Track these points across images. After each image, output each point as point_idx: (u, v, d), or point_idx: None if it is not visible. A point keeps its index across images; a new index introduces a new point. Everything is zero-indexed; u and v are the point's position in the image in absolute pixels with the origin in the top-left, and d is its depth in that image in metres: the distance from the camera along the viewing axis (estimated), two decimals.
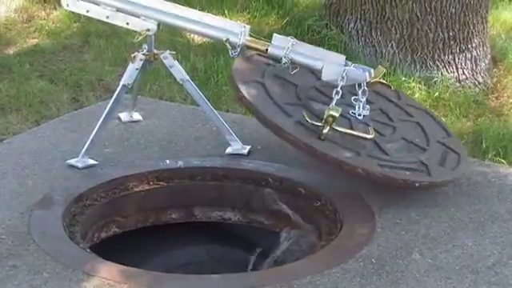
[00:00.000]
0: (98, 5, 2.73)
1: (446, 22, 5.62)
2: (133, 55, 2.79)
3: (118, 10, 2.72)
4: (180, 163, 2.74)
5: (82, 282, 2.10)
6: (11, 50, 5.85)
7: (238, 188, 2.70)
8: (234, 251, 2.76)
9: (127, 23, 2.73)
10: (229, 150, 2.83)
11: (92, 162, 2.73)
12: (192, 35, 5.82)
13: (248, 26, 2.65)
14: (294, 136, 2.47)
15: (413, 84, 5.43)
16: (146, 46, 2.77)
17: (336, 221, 2.46)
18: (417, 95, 5.32)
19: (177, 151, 2.85)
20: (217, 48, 5.59)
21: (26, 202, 2.49)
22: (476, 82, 5.67)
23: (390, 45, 5.67)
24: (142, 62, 2.77)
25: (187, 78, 2.83)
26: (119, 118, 3.07)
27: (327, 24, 5.90)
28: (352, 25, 5.80)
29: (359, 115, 2.63)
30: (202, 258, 2.75)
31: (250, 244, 2.69)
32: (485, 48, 5.81)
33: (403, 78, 5.47)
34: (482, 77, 5.71)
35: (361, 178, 2.45)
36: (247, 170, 2.72)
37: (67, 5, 2.77)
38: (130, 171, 2.69)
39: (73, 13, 5.51)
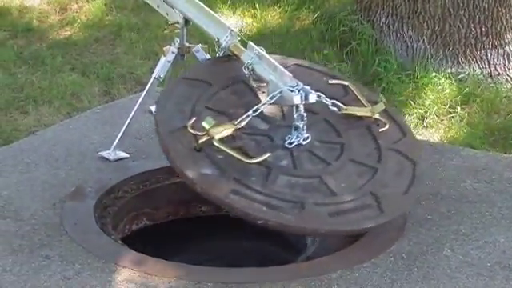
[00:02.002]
0: None
1: (479, 18, 5.57)
2: (165, 48, 2.81)
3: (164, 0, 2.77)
4: None
5: (113, 274, 2.12)
6: (44, 43, 5.89)
7: None
8: (264, 245, 2.76)
9: (167, 14, 2.78)
10: None
11: (123, 154, 2.75)
12: None
13: (235, 31, 2.61)
14: (162, 137, 2.31)
15: (443, 80, 5.40)
16: (178, 40, 2.79)
17: None
18: (447, 91, 5.28)
19: None
20: (245, 43, 5.58)
21: (59, 193, 2.52)
22: (508, 78, 5.62)
23: (421, 40, 5.62)
24: (174, 55, 2.78)
25: None
26: (150, 111, 3.08)
27: (358, 19, 5.87)
28: (383, 20, 5.76)
29: (289, 143, 2.37)
30: (232, 251, 2.76)
31: (278, 238, 2.69)
32: None
33: (434, 74, 5.43)
34: None
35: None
36: None
37: None
38: (161, 164, 2.70)
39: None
